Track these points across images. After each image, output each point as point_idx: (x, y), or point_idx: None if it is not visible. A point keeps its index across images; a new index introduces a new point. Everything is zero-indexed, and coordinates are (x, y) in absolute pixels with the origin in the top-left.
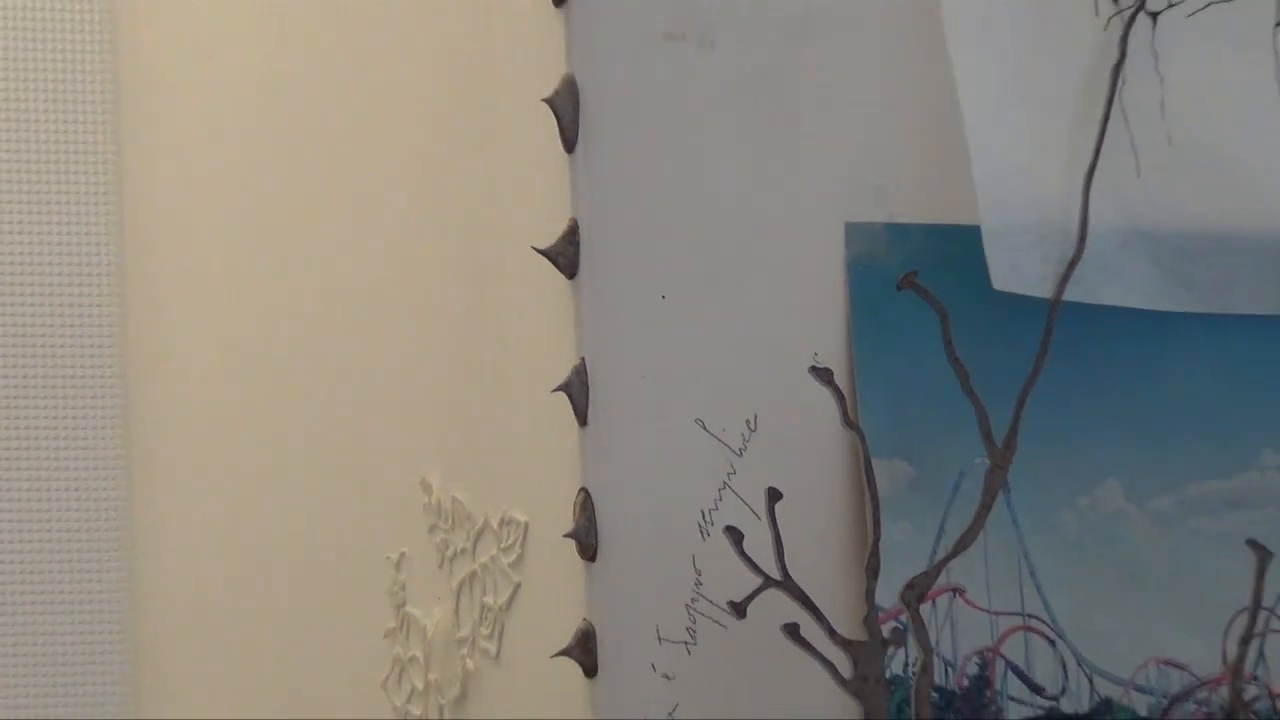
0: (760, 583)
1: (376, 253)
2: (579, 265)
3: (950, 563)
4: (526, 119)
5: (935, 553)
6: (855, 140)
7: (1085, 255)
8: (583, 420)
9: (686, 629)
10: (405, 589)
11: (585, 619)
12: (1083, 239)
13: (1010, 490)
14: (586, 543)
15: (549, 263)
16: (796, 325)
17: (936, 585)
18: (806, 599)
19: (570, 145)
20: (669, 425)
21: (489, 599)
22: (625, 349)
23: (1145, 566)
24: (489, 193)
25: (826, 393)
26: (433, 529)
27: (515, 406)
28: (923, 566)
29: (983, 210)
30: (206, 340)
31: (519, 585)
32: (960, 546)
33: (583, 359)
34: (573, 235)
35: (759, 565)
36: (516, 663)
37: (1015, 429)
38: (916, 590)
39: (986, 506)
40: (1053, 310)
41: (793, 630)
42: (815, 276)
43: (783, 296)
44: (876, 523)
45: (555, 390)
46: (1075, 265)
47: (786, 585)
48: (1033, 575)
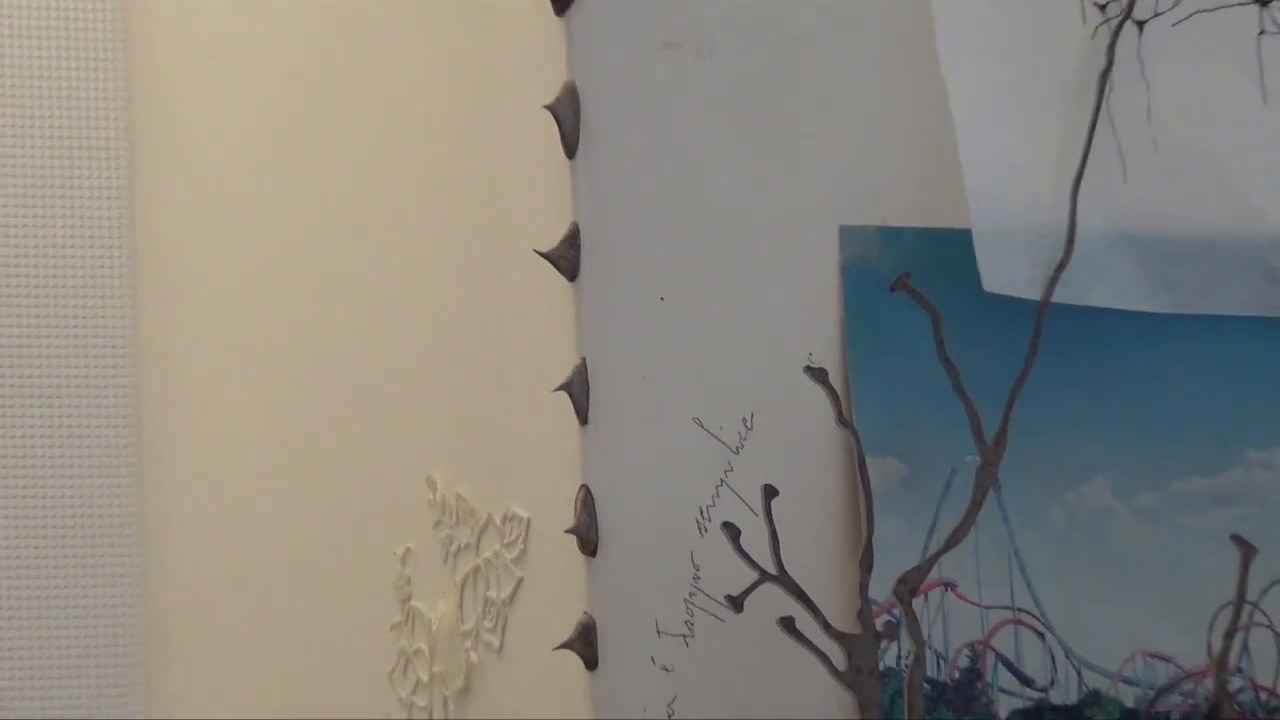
0: (757, 577)
1: (383, 255)
2: (580, 268)
3: (942, 558)
4: (529, 125)
5: (927, 548)
6: (849, 146)
7: (1073, 258)
8: (583, 419)
9: (685, 622)
10: (411, 583)
11: (586, 613)
12: (1071, 242)
13: (1000, 487)
14: (587, 538)
15: (550, 265)
16: (792, 326)
17: (928, 580)
18: (802, 593)
19: (571, 151)
20: (668, 424)
21: (492, 593)
22: (625, 349)
23: (1132, 562)
24: (492, 197)
25: (821, 392)
26: (437, 525)
27: (518, 406)
28: (915, 561)
29: (974, 214)
30: (216, 341)
31: (521, 580)
32: (951, 542)
33: (583, 359)
34: (574, 238)
35: (755, 560)
36: (519, 655)
37: (1005, 427)
38: (909, 584)
39: (977, 503)
40: (1042, 312)
41: (788, 624)
42: (810, 279)
43: (779, 298)
44: (870, 519)
45: (557, 390)
46: (1063, 268)
47: (782, 580)
48: (1022, 570)
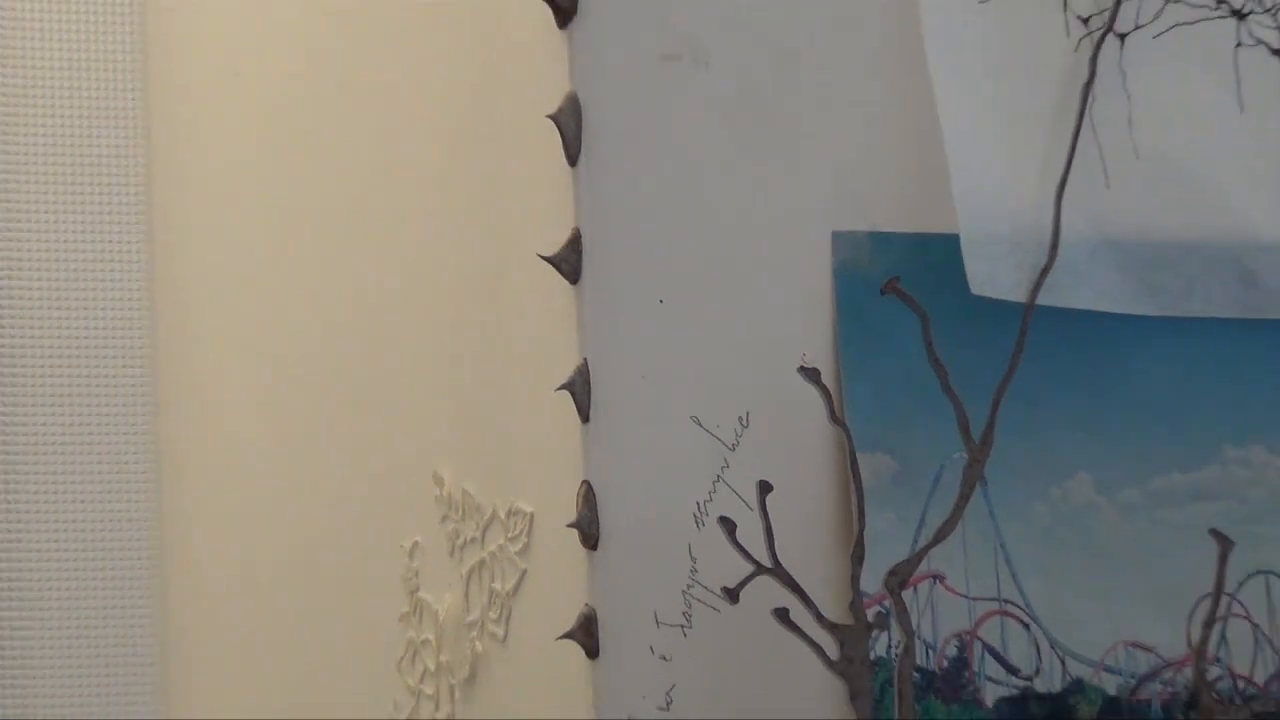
0: (752, 570)
1: (393, 261)
2: (581, 271)
3: (931, 551)
4: (533, 134)
5: (916, 541)
6: (840, 155)
7: (1057, 262)
8: (585, 417)
9: (682, 613)
10: (418, 576)
11: (587, 604)
12: (1055, 247)
13: (987, 483)
14: (589, 532)
15: (553, 269)
16: (786, 328)
17: (918, 572)
18: (795, 585)
19: (573, 159)
20: (666, 422)
21: (497, 585)
22: (625, 350)
23: (1114, 555)
24: (498, 203)
25: (815, 391)
26: (444, 519)
27: (522, 404)
28: (905, 554)
29: (961, 220)
30: (230, 345)
31: (525, 572)
32: (940, 536)
33: (585, 360)
34: (576, 243)
35: (751, 553)
36: (523, 645)
37: (992, 425)
38: (899, 577)
39: (965, 498)
40: (1027, 314)
41: (782, 614)
42: (804, 282)
43: (774, 301)
44: (861, 513)
45: (559, 389)
46: (1048, 272)
47: (776, 572)
48: (1008, 563)
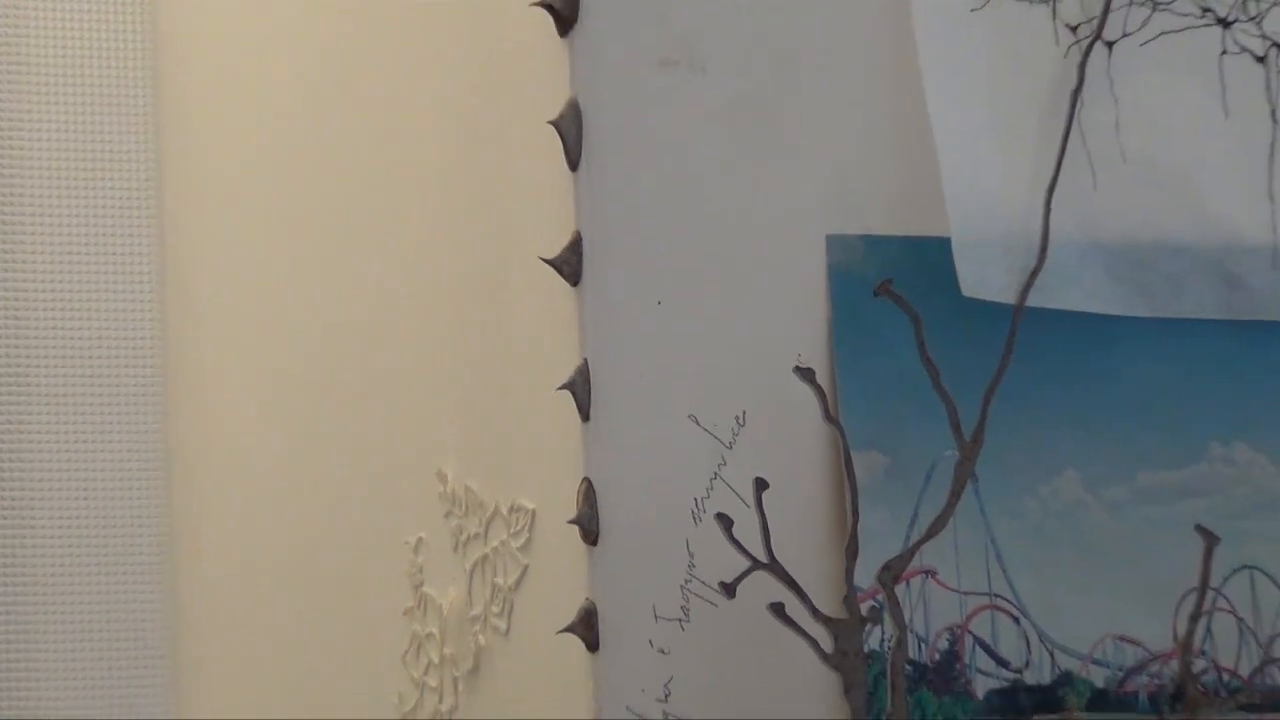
0: (749, 565)
1: (397, 263)
2: (582, 273)
3: (923, 546)
4: (534, 139)
5: (909, 537)
6: (835, 159)
7: (1046, 264)
8: (585, 416)
9: (681, 608)
10: (423, 571)
11: (588, 598)
12: (1044, 249)
13: (978, 480)
14: (589, 528)
15: (554, 271)
16: (782, 328)
17: (910, 567)
18: (791, 580)
19: (574, 163)
20: (665, 421)
21: (499, 580)
22: (625, 350)
23: (1102, 550)
24: (500, 207)
25: (810, 390)
26: (448, 515)
27: (523, 404)
28: (898, 550)
29: (953, 223)
30: (239, 347)
31: (527, 567)
32: (932, 532)
33: (585, 360)
34: (576, 246)
35: (747, 549)
36: (524, 639)
37: (982, 424)
38: (892, 572)
39: (956, 495)
40: (1016, 315)
41: (778, 609)
42: (799, 284)
43: (769, 302)
44: (855, 510)
45: (560, 388)
46: (1037, 274)
47: (772, 567)
48: (999, 558)
